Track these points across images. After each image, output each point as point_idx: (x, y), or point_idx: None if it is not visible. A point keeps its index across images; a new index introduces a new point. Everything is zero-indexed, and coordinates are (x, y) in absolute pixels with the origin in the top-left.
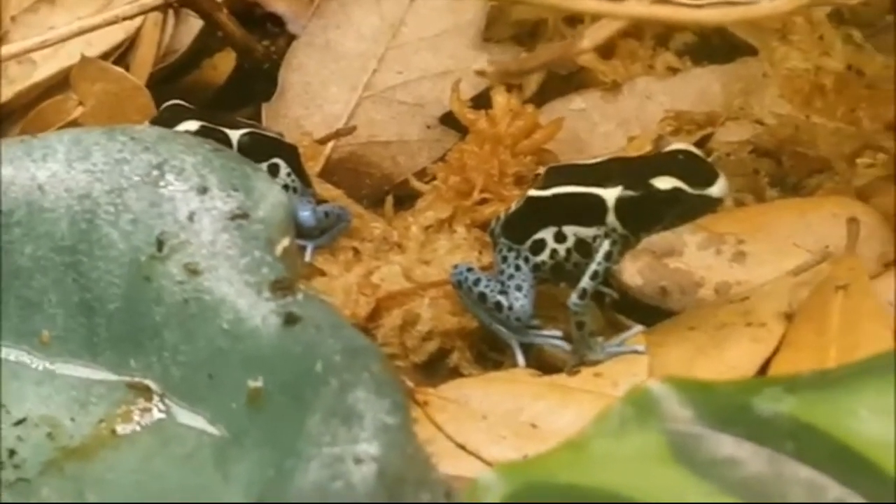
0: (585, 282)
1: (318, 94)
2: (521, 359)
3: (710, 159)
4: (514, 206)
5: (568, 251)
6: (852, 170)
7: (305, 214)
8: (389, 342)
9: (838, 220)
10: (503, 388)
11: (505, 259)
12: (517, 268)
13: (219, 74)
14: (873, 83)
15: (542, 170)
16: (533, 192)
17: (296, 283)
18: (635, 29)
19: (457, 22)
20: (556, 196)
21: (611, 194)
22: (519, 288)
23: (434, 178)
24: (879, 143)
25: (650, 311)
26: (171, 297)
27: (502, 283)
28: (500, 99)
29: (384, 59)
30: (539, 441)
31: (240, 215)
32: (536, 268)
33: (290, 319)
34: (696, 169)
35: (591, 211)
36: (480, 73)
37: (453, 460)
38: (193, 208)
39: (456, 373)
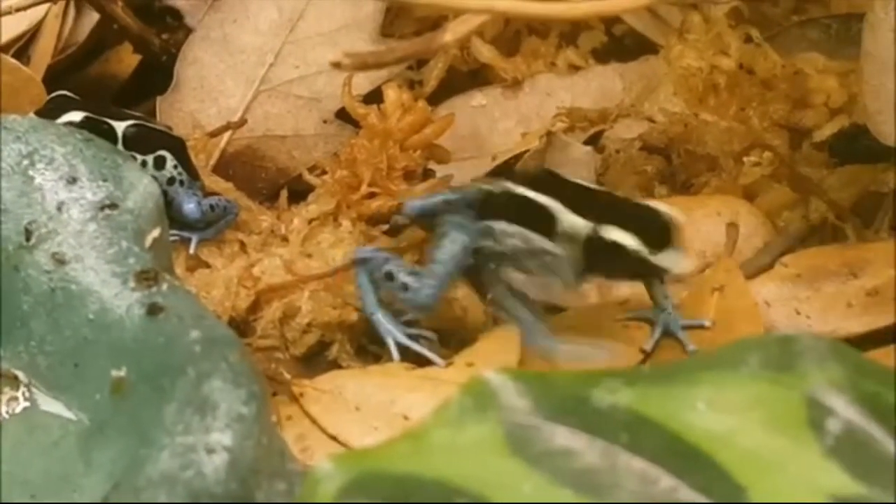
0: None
1: (214, 88)
2: (395, 354)
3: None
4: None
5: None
6: (739, 168)
7: (191, 207)
8: (269, 334)
9: (723, 219)
10: (377, 380)
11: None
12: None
13: (124, 67)
14: (766, 82)
15: (433, 165)
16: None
17: (162, 274)
18: (540, 27)
19: (355, 17)
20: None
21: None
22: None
23: (325, 172)
24: (767, 142)
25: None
26: (38, 287)
27: (412, 269)
28: (391, 94)
29: (281, 53)
30: None
31: (109, 205)
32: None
33: (153, 310)
34: (658, 233)
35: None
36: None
37: (325, 453)
38: (62, 198)
39: (336, 365)
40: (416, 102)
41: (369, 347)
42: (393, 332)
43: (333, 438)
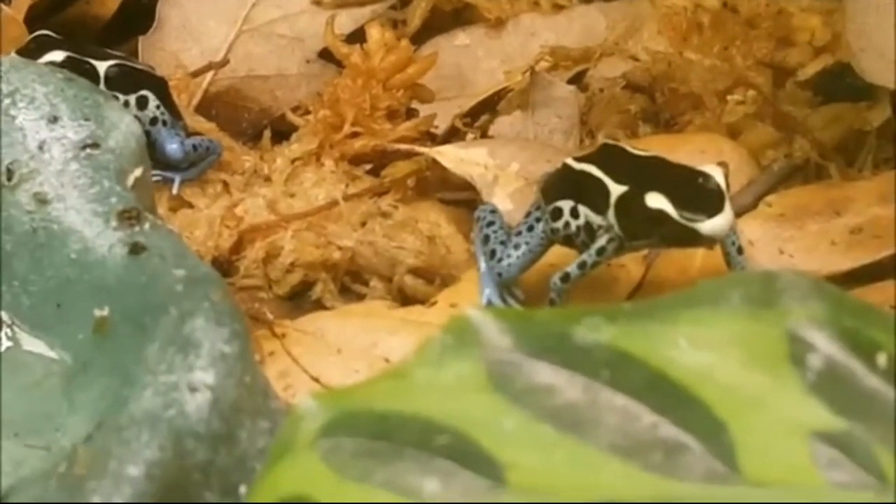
0: (572, 267)
1: (196, 29)
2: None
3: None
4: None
5: (578, 228)
6: (723, 106)
7: (173, 147)
8: (252, 274)
9: (707, 156)
10: (360, 321)
11: (529, 214)
12: (530, 228)
13: (106, 7)
14: (750, 21)
15: (416, 105)
16: (569, 160)
17: (144, 214)
18: None
19: None
20: (581, 172)
21: (616, 191)
22: (517, 247)
23: (308, 112)
24: (751, 81)
25: None
26: (20, 227)
27: (508, 236)
28: (374, 33)
29: None
30: None
31: (90, 145)
32: (553, 232)
33: (135, 249)
34: (702, 198)
35: (599, 200)
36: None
37: (308, 391)
38: (43, 137)
39: (319, 305)
40: (398, 42)
41: (353, 287)
42: (488, 290)
43: (315, 380)
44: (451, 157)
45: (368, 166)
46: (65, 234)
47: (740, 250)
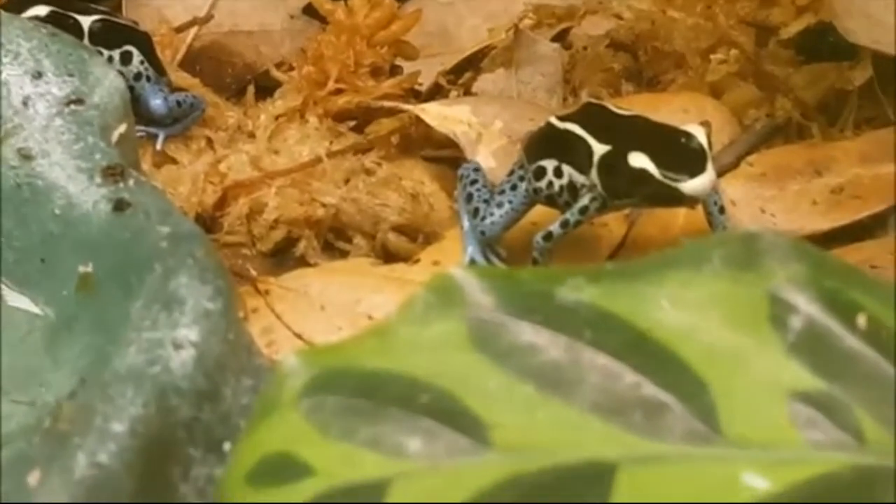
0: (555, 226)
1: None
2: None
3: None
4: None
5: (561, 188)
6: (706, 65)
7: (157, 102)
8: (236, 231)
9: (689, 115)
10: (343, 278)
11: (512, 172)
12: (514, 187)
13: None
14: None
15: (400, 62)
16: (552, 119)
17: (128, 170)
18: None
19: None
20: (565, 131)
21: (599, 150)
22: (500, 205)
23: (292, 69)
24: (734, 39)
25: None
26: (4, 182)
27: (492, 194)
28: None
29: None
30: None
31: (74, 101)
32: (536, 192)
33: (119, 205)
34: (685, 158)
35: (582, 159)
36: None
37: (291, 349)
38: (28, 93)
39: (303, 262)
40: None
41: (336, 244)
42: (471, 247)
43: (298, 336)
44: (434, 114)
45: (352, 123)
46: (49, 190)
47: (722, 210)
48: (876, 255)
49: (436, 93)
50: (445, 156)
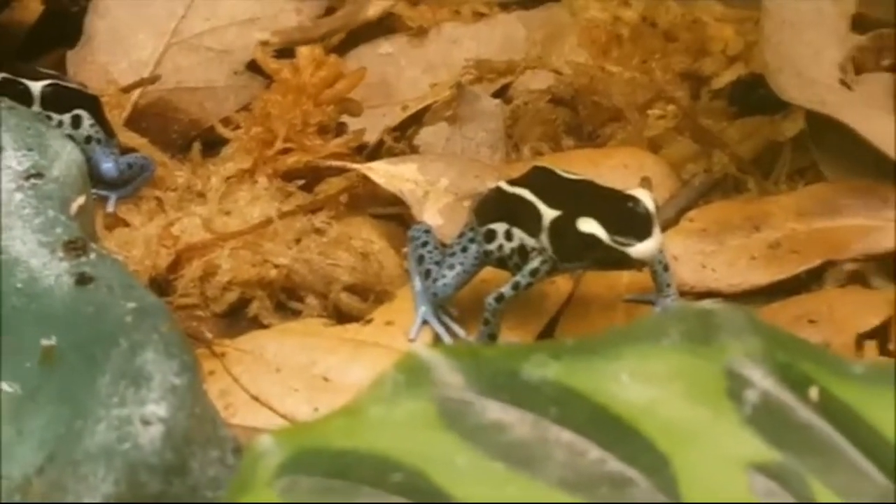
0: (506, 288)
1: (126, 41)
2: (413, 331)
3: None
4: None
5: (512, 251)
6: (644, 120)
7: (108, 166)
8: (190, 293)
9: (629, 170)
10: (298, 340)
11: (463, 234)
12: (464, 249)
13: (29, 16)
14: (667, 33)
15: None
16: (501, 183)
17: (89, 244)
18: None
19: None
20: (514, 196)
21: (549, 215)
22: (451, 267)
23: (239, 127)
24: (670, 94)
25: None
26: None
27: (443, 256)
28: (303, 49)
29: (192, 5)
30: (331, 394)
31: (34, 175)
32: (487, 254)
33: (82, 279)
34: (633, 222)
35: (533, 223)
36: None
37: (248, 411)
38: None
39: (256, 322)
40: (327, 57)
41: (289, 304)
42: (423, 308)
43: (255, 399)
44: (381, 173)
45: (301, 182)
46: (11, 265)
47: (666, 268)
48: (813, 309)
49: (380, 146)
50: (393, 213)
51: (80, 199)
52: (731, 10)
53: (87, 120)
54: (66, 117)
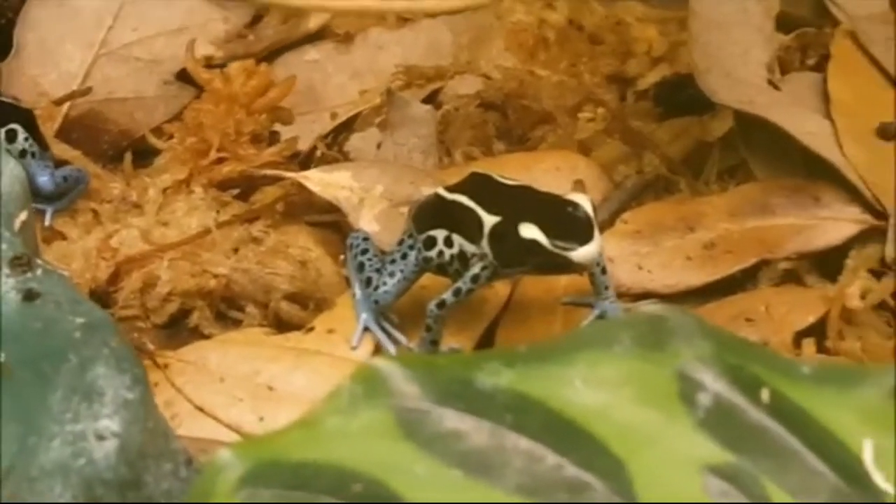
0: (448, 295)
1: (55, 52)
2: (355, 339)
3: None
4: (426, 196)
5: (452, 257)
6: (574, 123)
7: (44, 179)
8: (130, 305)
9: (561, 173)
10: (240, 350)
11: (402, 241)
12: (404, 256)
13: None
14: (593, 36)
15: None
16: (440, 190)
17: (34, 260)
18: None
19: None
20: (453, 202)
21: (489, 221)
22: (392, 274)
23: (171, 137)
24: (599, 97)
25: None
26: None
27: (383, 263)
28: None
29: (120, 15)
30: (275, 403)
31: None
32: (427, 261)
33: (29, 295)
34: (573, 227)
35: (473, 229)
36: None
37: (193, 422)
38: None
39: (197, 332)
40: (258, 66)
41: (229, 313)
42: (365, 315)
43: (200, 409)
44: (316, 181)
45: (236, 191)
46: None
47: (604, 270)
48: (750, 308)
49: (313, 155)
50: (329, 220)
51: (23, 215)
52: (652, 10)
53: (21, 134)
54: (1, 132)
